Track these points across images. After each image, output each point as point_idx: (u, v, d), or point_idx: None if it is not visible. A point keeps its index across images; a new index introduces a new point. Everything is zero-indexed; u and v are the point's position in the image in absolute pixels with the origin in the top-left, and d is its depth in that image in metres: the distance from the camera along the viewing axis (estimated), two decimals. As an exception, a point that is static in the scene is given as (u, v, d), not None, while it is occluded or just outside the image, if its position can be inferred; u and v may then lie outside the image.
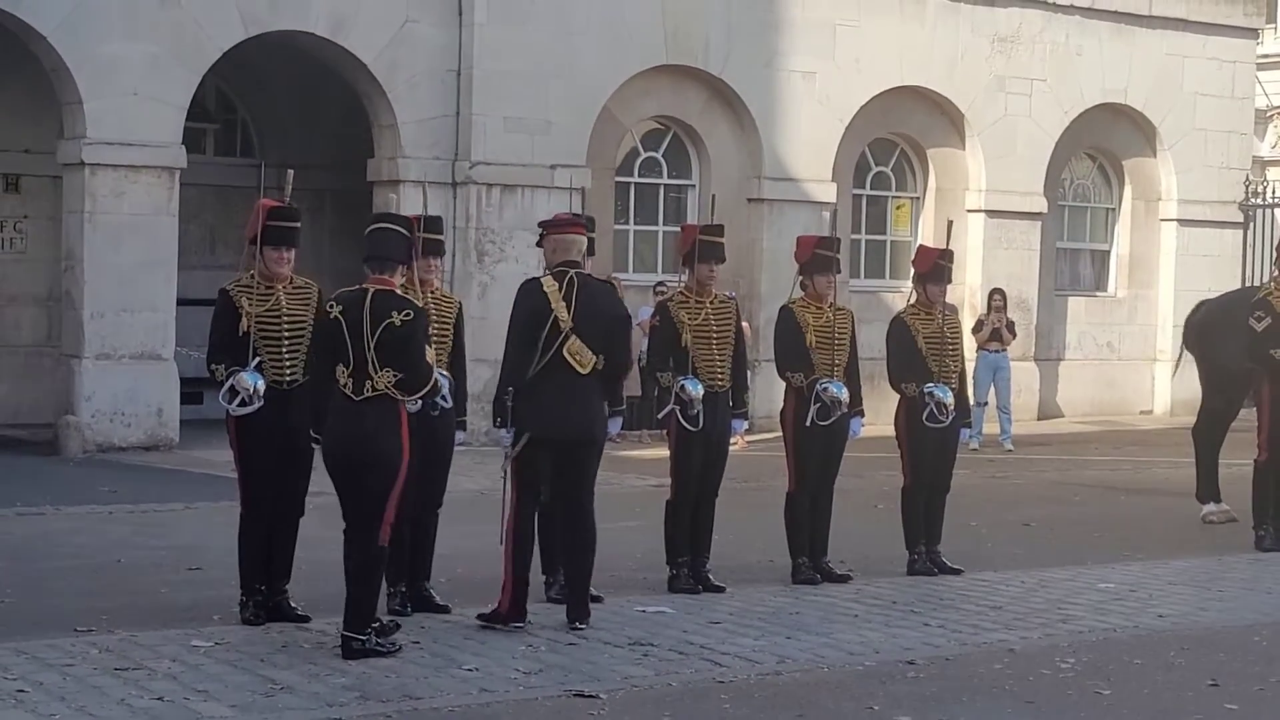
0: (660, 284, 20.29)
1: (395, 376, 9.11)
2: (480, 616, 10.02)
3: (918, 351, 12.27)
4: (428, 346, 9.30)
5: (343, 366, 9.15)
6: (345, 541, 9.29)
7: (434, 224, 10.69)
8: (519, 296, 10.18)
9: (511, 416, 9.91)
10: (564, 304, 9.94)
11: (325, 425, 9.31)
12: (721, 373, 11.34)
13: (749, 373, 13.26)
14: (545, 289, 10.02)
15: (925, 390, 12.17)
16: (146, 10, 19.12)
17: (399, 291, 9.33)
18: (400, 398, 9.18)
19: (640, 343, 17.49)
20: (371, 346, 9.09)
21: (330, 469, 9.33)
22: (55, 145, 19.59)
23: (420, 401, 9.50)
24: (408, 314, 9.15)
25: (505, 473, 10.17)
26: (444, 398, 9.99)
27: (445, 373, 10.11)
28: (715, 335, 11.37)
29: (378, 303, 9.16)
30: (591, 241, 10.85)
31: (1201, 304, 16.58)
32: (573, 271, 10.09)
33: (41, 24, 18.68)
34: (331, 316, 9.25)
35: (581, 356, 9.99)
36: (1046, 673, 9.36)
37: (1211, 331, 15.70)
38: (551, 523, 10.50)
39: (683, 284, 11.69)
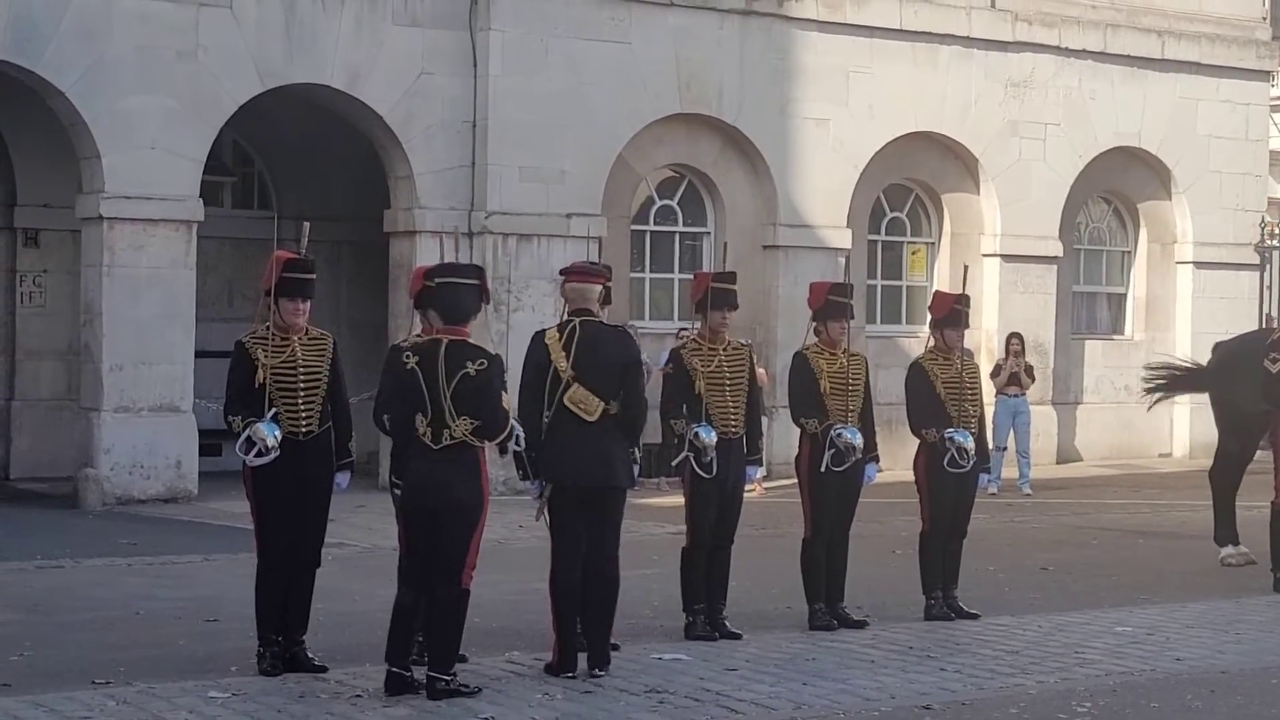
0: (683, 330, 20.31)
1: (472, 424, 9.30)
2: (546, 666, 10.12)
3: (937, 397, 12.27)
4: (504, 393, 9.47)
5: (421, 416, 9.33)
6: (401, 584, 9.48)
7: (450, 275, 10.75)
8: (528, 349, 10.34)
9: (532, 467, 10.03)
10: (563, 353, 10.07)
11: (405, 473, 9.53)
12: (735, 419, 11.35)
13: (765, 419, 13.30)
14: (546, 340, 10.19)
15: (946, 435, 12.17)
16: (163, 64, 19.26)
17: (471, 341, 9.50)
18: (477, 445, 9.35)
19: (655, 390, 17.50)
20: (448, 396, 9.28)
21: (408, 515, 9.53)
22: (74, 200, 19.71)
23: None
24: (482, 363, 9.36)
25: (541, 521, 10.31)
26: (517, 441, 10.05)
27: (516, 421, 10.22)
28: (728, 382, 11.38)
29: (452, 353, 9.35)
30: (609, 290, 10.93)
31: (1218, 346, 16.56)
32: (576, 320, 10.20)
33: (59, 80, 18.83)
34: (408, 367, 9.39)
35: (586, 404, 10.07)
36: (1063, 717, 9.33)
37: (1226, 374, 15.68)
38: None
39: (696, 331, 11.73)
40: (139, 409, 19.25)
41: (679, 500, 12.05)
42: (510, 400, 9.59)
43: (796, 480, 12.18)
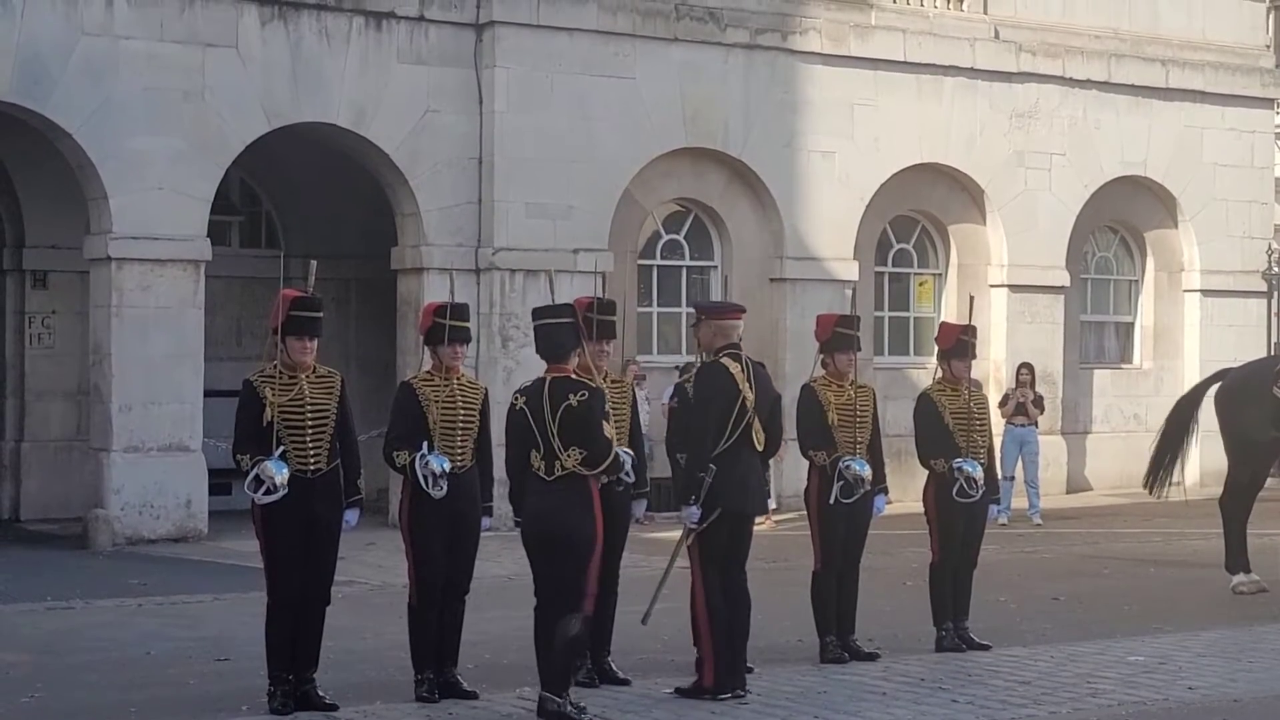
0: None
1: (581, 454, 9.64)
2: (679, 690, 10.35)
3: (945, 427, 12.26)
4: (605, 423, 9.76)
5: (535, 452, 9.71)
6: (539, 612, 9.78)
7: (460, 311, 10.74)
8: (704, 378, 10.56)
9: (705, 494, 10.28)
10: (748, 385, 10.44)
11: (524, 507, 9.86)
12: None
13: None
14: (731, 371, 10.46)
15: (954, 466, 12.16)
16: (170, 105, 19.33)
17: (573, 376, 9.83)
18: (587, 474, 9.64)
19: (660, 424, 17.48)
20: (554, 429, 9.63)
21: (527, 546, 9.87)
22: (82, 241, 19.76)
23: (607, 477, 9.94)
24: (583, 394, 9.72)
25: (684, 548, 10.53)
26: (627, 473, 10.31)
27: (628, 449, 10.46)
28: (735, 415, 11.40)
29: (554, 389, 9.74)
30: (614, 324, 10.97)
31: (1223, 373, 16.53)
32: (745, 355, 10.59)
33: (67, 121, 18.90)
34: (517, 408, 9.83)
35: (759, 435, 10.53)
36: (1076, 747, 9.33)
37: (1234, 401, 15.66)
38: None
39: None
40: (148, 449, 19.27)
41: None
42: (611, 429, 9.83)
43: (806, 513, 12.17)
